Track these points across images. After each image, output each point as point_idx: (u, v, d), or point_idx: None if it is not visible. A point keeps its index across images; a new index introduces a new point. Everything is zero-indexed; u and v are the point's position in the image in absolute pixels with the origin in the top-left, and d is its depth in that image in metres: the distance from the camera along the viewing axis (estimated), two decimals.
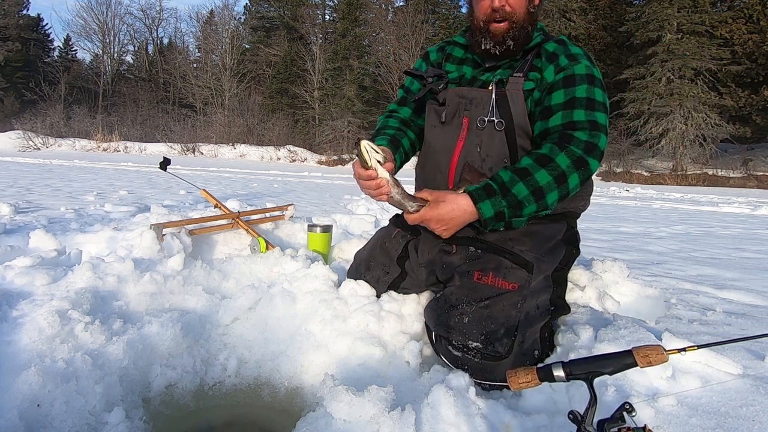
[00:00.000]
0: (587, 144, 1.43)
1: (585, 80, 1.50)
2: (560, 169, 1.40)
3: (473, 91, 1.60)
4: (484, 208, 1.40)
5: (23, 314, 1.47)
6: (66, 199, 5.10)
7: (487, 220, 1.42)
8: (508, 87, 1.55)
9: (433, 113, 1.68)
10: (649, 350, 0.87)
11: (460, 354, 1.46)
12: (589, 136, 1.44)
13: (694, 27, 21.79)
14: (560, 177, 1.40)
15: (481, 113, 1.57)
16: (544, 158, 1.42)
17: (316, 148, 29.80)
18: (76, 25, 57.02)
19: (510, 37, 1.56)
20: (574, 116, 1.46)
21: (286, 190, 8.96)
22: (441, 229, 1.47)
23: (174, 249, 2.06)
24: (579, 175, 1.42)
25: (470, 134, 1.59)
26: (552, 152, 1.43)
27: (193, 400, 1.60)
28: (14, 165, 13.31)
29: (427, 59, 1.84)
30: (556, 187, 1.40)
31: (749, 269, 2.79)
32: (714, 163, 22.31)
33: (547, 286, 1.57)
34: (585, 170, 1.43)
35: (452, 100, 1.62)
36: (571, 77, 1.51)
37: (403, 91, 1.89)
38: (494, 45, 1.58)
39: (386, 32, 32.03)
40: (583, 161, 1.42)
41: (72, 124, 33.48)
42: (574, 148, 1.42)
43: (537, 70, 1.56)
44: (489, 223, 1.43)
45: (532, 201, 1.40)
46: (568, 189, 1.43)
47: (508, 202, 1.40)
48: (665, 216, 7.71)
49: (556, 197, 1.42)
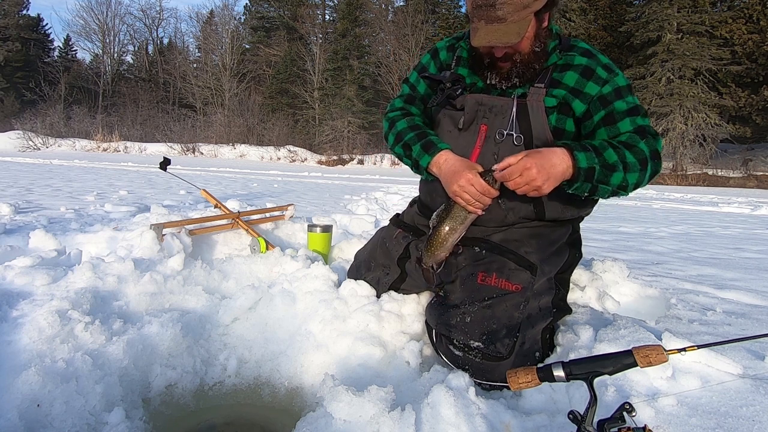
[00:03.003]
0: (657, 145, 1.44)
1: (629, 91, 1.50)
2: (643, 154, 1.39)
3: (493, 99, 1.52)
4: (580, 157, 1.31)
5: (23, 314, 1.47)
6: (66, 199, 5.10)
7: (580, 171, 1.31)
8: (530, 97, 1.48)
9: (449, 118, 1.61)
10: (649, 350, 0.87)
11: (461, 353, 1.46)
12: (655, 138, 1.45)
13: (694, 27, 21.79)
14: (643, 161, 1.39)
15: (501, 124, 1.51)
16: (626, 143, 1.40)
17: (316, 148, 29.79)
18: (76, 25, 57.07)
19: (515, 74, 1.48)
20: (638, 122, 1.46)
21: (286, 190, 8.96)
22: (540, 181, 1.29)
23: (174, 249, 2.06)
24: (653, 167, 1.41)
25: (487, 142, 1.53)
26: (633, 140, 1.41)
27: (193, 400, 1.60)
28: (14, 165, 13.31)
29: (436, 57, 1.72)
30: (639, 169, 1.38)
31: (749, 269, 2.79)
32: (714, 163, 22.31)
33: (550, 288, 1.57)
34: (657, 163, 1.42)
35: (471, 106, 1.54)
36: (618, 89, 1.48)
37: (408, 87, 1.79)
38: (500, 81, 1.50)
39: (386, 32, 32.06)
40: (658, 155, 1.42)
41: (72, 124, 33.48)
42: (652, 141, 1.42)
43: (562, 87, 1.48)
44: (579, 177, 1.32)
45: (620, 169, 1.34)
46: (645, 176, 1.41)
47: (600, 162, 1.33)
48: (665, 216, 7.71)
49: (635, 179, 1.38)
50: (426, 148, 1.55)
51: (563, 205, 1.55)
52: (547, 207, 1.54)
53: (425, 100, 1.74)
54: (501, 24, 1.34)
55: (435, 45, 1.77)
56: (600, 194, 1.40)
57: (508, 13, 1.33)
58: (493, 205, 1.47)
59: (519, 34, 1.36)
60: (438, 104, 1.61)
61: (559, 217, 1.58)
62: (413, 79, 1.78)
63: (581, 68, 1.48)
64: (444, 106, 1.62)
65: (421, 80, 1.75)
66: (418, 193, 1.87)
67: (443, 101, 1.59)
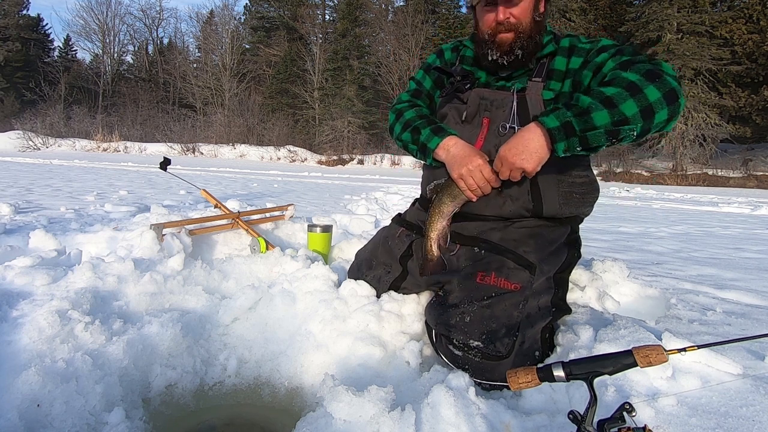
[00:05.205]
0: (658, 66, 1.34)
1: (614, 46, 1.48)
2: (628, 80, 1.29)
3: (494, 93, 1.58)
4: (546, 120, 1.31)
5: (23, 314, 1.47)
6: (66, 199, 5.10)
7: (553, 132, 1.29)
8: (528, 91, 1.54)
9: (455, 111, 1.67)
10: (649, 350, 0.87)
11: (460, 353, 1.46)
12: (651, 62, 1.36)
13: (694, 27, 21.80)
14: (631, 86, 1.28)
15: (502, 117, 1.56)
16: (606, 81, 1.35)
17: (316, 148, 29.81)
18: (76, 25, 57.14)
19: (518, 46, 1.52)
20: (624, 58, 1.41)
21: (286, 190, 8.96)
22: (521, 160, 1.34)
23: (174, 249, 2.06)
24: (658, 87, 1.28)
25: (490, 135, 1.58)
26: (614, 74, 1.34)
27: (193, 400, 1.60)
28: (14, 165, 13.31)
29: (441, 56, 1.82)
30: (629, 95, 1.27)
31: (749, 269, 2.79)
32: (714, 163, 22.32)
33: (549, 287, 1.57)
34: (663, 81, 1.30)
35: (473, 100, 1.61)
36: (601, 47, 1.49)
37: (414, 83, 1.85)
38: (501, 55, 1.54)
39: (386, 32, 32.06)
40: (658, 74, 1.31)
41: (72, 124, 33.48)
42: (643, 66, 1.34)
43: (557, 77, 1.53)
44: (557, 137, 1.29)
45: (599, 107, 1.27)
46: (647, 99, 1.27)
47: (574, 112, 1.29)
48: (665, 216, 7.71)
49: (635, 107, 1.26)
50: (435, 131, 1.61)
51: (561, 200, 1.57)
52: (545, 201, 1.56)
53: (431, 96, 1.81)
54: None
55: (440, 47, 1.86)
56: (597, 141, 1.29)
57: None
58: (493, 192, 1.53)
59: None
60: (447, 95, 1.68)
61: (558, 213, 1.59)
62: (419, 76, 1.85)
63: (566, 49, 1.56)
64: (451, 100, 1.68)
65: (427, 77, 1.82)
66: (418, 194, 1.88)
67: (451, 93, 1.66)
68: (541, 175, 1.49)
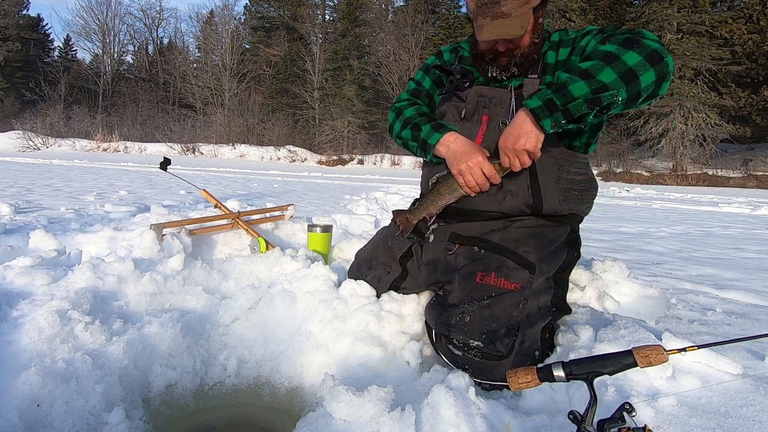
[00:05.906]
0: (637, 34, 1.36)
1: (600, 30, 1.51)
2: (605, 51, 1.32)
3: (493, 90, 1.61)
4: (529, 102, 1.36)
5: (23, 314, 1.47)
6: (66, 199, 5.10)
7: (537, 111, 1.33)
8: (525, 89, 1.56)
9: (454, 109, 1.68)
10: (649, 350, 0.87)
11: (460, 353, 1.46)
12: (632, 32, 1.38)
13: (694, 27, 21.81)
14: (608, 56, 1.30)
15: (501, 114, 1.58)
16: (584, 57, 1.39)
17: (316, 148, 29.80)
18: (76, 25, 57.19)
19: (514, 64, 1.57)
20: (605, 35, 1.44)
21: (286, 190, 8.96)
22: (521, 143, 1.38)
23: (174, 249, 2.06)
24: (638, 52, 1.29)
25: (489, 132, 1.60)
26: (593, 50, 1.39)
27: (193, 400, 1.60)
28: (14, 165, 13.31)
29: (440, 58, 1.85)
30: (605, 64, 1.29)
31: (749, 269, 2.79)
32: (714, 163, 22.32)
33: (549, 287, 1.57)
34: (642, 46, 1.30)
35: (472, 97, 1.63)
36: (586, 32, 1.53)
37: (414, 83, 1.88)
38: (500, 72, 1.60)
39: (386, 32, 32.07)
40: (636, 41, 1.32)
41: (72, 124, 33.48)
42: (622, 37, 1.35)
43: (549, 70, 1.57)
44: (542, 114, 1.33)
45: (576, 80, 1.29)
46: (627, 65, 1.28)
47: (553, 88, 1.33)
48: (665, 216, 7.71)
49: (613, 73, 1.28)
50: (436, 128, 1.63)
51: (560, 196, 1.58)
52: (544, 196, 1.57)
53: (430, 96, 1.83)
54: (506, 19, 1.45)
55: (439, 48, 1.89)
56: (579, 110, 1.30)
57: (512, 9, 1.43)
58: (493, 188, 1.55)
59: (522, 27, 1.47)
60: (446, 93, 1.71)
61: (557, 210, 1.59)
62: (419, 76, 1.88)
63: (555, 43, 1.60)
64: (450, 98, 1.70)
65: (427, 77, 1.85)
66: (418, 194, 1.88)
67: (450, 92, 1.69)
68: (540, 172, 1.53)
